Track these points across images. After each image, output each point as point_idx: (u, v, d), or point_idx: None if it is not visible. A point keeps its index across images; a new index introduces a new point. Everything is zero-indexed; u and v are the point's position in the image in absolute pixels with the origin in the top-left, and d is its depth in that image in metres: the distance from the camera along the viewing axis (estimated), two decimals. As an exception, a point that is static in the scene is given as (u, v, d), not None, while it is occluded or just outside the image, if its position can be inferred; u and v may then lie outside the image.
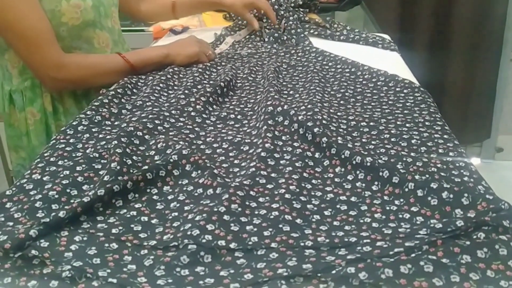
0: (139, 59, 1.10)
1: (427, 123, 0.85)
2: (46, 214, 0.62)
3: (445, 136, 0.80)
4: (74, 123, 0.86)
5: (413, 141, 0.79)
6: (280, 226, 0.60)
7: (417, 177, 0.65)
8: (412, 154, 0.75)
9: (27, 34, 0.99)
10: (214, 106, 0.96)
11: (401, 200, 0.64)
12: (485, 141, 2.63)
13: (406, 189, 0.65)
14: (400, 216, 0.61)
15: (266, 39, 1.38)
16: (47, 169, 0.73)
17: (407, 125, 0.85)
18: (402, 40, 2.15)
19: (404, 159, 0.72)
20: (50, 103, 1.10)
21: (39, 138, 1.11)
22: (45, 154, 0.77)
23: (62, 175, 0.70)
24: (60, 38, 1.04)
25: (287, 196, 0.65)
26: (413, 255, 0.52)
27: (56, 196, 0.65)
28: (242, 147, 0.80)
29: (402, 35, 2.26)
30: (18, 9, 0.97)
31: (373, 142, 0.80)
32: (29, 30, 0.99)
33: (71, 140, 0.82)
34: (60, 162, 0.75)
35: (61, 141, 0.81)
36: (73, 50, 1.08)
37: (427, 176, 0.67)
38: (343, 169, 0.72)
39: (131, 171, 0.71)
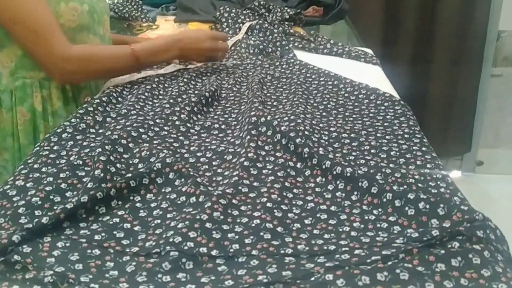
0: (144, 49, 1.11)
1: (406, 136, 0.87)
2: (29, 220, 0.62)
3: (423, 149, 0.82)
4: (58, 130, 0.86)
5: (392, 153, 0.81)
6: (261, 234, 0.61)
7: (395, 187, 0.67)
8: (391, 165, 0.77)
9: (37, 27, 1.00)
10: (199, 116, 0.97)
11: (379, 209, 0.66)
12: (465, 154, 2.67)
13: (384, 199, 0.66)
14: (378, 225, 0.63)
15: (251, 51, 1.40)
16: (31, 175, 0.74)
17: (387, 137, 0.87)
18: (385, 54, 2.19)
19: (383, 170, 0.74)
20: (40, 103, 1.09)
21: (27, 138, 1.10)
22: (29, 161, 0.78)
23: (45, 182, 0.70)
24: None
25: (268, 204, 0.66)
26: (389, 263, 0.54)
27: (39, 202, 0.66)
28: (225, 156, 0.82)
29: (385, 50, 2.30)
30: (27, 3, 0.99)
31: (353, 153, 0.82)
32: (38, 23, 1.00)
33: (55, 147, 0.82)
34: (43, 169, 0.76)
35: (45, 148, 0.81)
36: None
37: (405, 187, 0.68)
38: (323, 179, 0.74)
39: (115, 178, 0.71)
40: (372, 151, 0.82)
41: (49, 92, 1.10)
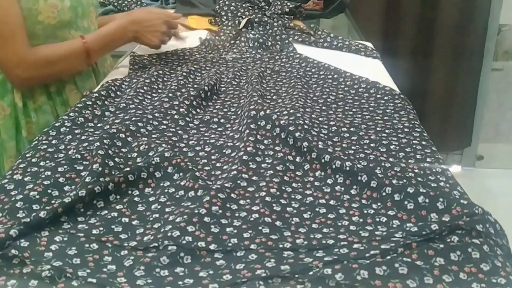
0: (97, 39, 1.10)
1: (406, 130, 0.86)
2: (27, 214, 0.62)
3: (423, 143, 0.82)
4: (56, 125, 0.86)
5: (392, 147, 0.81)
6: (260, 228, 0.61)
7: (394, 181, 0.67)
8: (391, 159, 0.77)
9: None
10: (198, 110, 0.97)
11: (379, 204, 0.65)
12: (465, 149, 2.67)
13: (384, 193, 0.66)
14: (377, 219, 0.63)
15: (250, 44, 1.39)
16: (29, 169, 0.73)
17: (387, 131, 0.86)
18: (385, 48, 2.18)
19: (383, 164, 0.74)
20: (20, 99, 1.09)
21: (8, 133, 1.10)
22: (27, 155, 0.77)
23: (43, 176, 0.70)
24: (35, 36, 1.04)
25: (267, 199, 0.66)
26: (388, 257, 0.53)
27: (37, 196, 0.65)
28: (224, 150, 0.81)
29: (385, 43, 2.29)
30: None
31: (353, 147, 0.81)
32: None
33: (53, 141, 0.82)
34: (41, 163, 0.75)
35: (43, 142, 0.81)
36: None
37: (404, 181, 0.68)
38: (323, 173, 0.73)
39: (113, 172, 0.71)
40: (372, 145, 0.82)
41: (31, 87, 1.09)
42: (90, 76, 1.19)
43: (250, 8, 1.62)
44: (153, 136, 0.85)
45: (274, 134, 0.83)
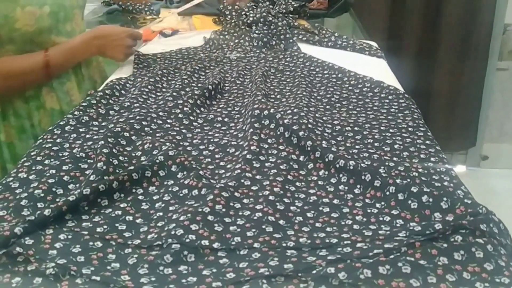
0: (58, 54, 1.08)
1: (410, 129, 0.86)
2: (32, 212, 0.62)
3: (427, 142, 0.82)
4: (61, 123, 0.86)
5: (396, 146, 0.80)
6: (263, 227, 0.61)
7: (398, 181, 0.67)
8: (395, 158, 0.77)
9: None
10: (202, 109, 0.97)
11: (382, 203, 0.65)
12: (470, 149, 2.66)
13: (387, 193, 0.66)
14: (381, 218, 0.63)
15: (255, 44, 1.39)
16: (34, 168, 0.74)
17: (391, 130, 0.86)
18: (389, 47, 2.17)
19: (387, 163, 0.74)
20: None
21: None
22: (32, 153, 0.78)
23: (48, 174, 0.70)
24: (12, 41, 1.02)
25: (271, 197, 0.66)
26: (391, 256, 0.53)
27: (42, 194, 0.66)
28: (228, 149, 0.81)
29: (389, 43, 2.29)
30: None
31: (356, 147, 0.81)
32: None
33: (58, 140, 0.82)
34: (46, 161, 0.76)
35: (48, 140, 0.81)
36: (25, 53, 1.06)
37: (408, 180, 0.68)
38: (326, 172, 0.73)
39: (117, 171, 0.71)
40: (376, 144, 0.82)
41: None
42: (69, 79, 1.15)
43: (255, 7, 1.62)
44: (157, 135, 0.85)
45: (278, 133, 0.83)
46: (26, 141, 1.10)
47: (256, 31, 1.43)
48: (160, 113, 0.90)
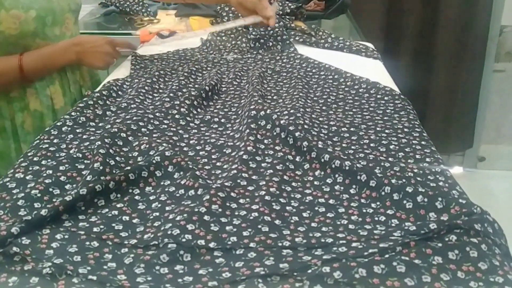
0: (34, 59, 1.07)
1: (405, 130, 0.87)
2: (28, 212, 0.62)
3: (423, 143, 0.82)
4: (58, 124, 0.87)
5: (391, 147, 0.81)
6: (259, 226, 0.61)
7: (393, 181, 0.67)
8: (390, 159, 0.77)
9: None
10: (199, 110, 0.97)
11: (378, 203, 0.66)
12: (467, 150, 2.67)
13: (383, 193, 0.66)
14: (376, 218, 0.63)
15: (252, 45, 1.40)
16: (30, 168, 0.74)
17: (387, 131, 0.86)
18: (386, 49, 2.18)
19: (382, 164, 0.74)
20: None
21: None
22: (29, 154, 0.78)
23: (45, 175, 0.70)
24: None
25: (267, 198, 0.66)
26: (386, 256, 0.54)
27: (39, 195, 0.66)
28: (224, 150, 0.82)
29: (386, 44, 2.30)
30: None
31: (352, 147, 0.82)
32: None
33: (55, 140, 0.82)
34: (43, 162, 0.76)
35: (45, 141, 0.82)
36: (8, 55, 1.06)
37: (404, 180, 0.68)
38: (322, 173, 0.74)
39: (114, 171, 0.72)
40: (372, 145, 0.82)
41: None
42: (53, 83, 1.14)
43: (252, 8, 1.62)
44: (154, 135, 0.85)
45: (274, 133, 0.83)
46: (6, 140, 1.11)
47: (253, 33, 1.43)
48: (157, 114, 0.91)
